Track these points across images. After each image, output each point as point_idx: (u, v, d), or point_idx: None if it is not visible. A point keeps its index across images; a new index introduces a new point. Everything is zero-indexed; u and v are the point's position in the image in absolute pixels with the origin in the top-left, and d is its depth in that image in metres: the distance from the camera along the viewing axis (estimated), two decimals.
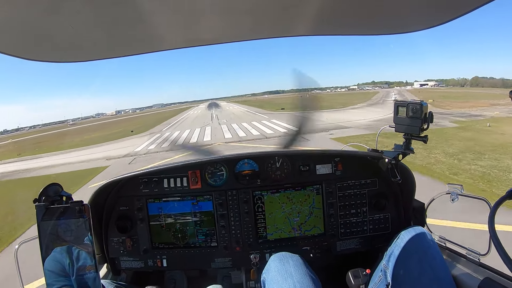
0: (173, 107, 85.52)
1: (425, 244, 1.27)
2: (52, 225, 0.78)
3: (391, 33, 1.20)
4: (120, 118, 78.08)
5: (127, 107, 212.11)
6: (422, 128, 1.34)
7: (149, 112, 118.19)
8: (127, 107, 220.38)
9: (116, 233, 1.72)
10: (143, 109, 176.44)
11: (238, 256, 1.75)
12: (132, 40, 1.11)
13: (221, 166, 1.76)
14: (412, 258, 1.24)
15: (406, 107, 1.36)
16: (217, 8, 0.91)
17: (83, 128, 52.96)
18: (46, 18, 0.80)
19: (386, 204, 1.72)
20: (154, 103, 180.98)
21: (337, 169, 1.77)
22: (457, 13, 0.90)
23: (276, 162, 1.77)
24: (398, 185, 1.67)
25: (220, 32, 1.16)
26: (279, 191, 1.76)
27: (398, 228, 1.60)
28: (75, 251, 0.79)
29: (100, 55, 1.16)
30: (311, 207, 1.76)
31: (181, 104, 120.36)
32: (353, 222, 1.76)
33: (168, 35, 1.12)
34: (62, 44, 1.02)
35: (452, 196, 1.38)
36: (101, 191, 1.63)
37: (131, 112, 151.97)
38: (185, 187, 1.74)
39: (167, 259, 1.75)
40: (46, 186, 0.81)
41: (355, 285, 1.28)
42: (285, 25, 1.16)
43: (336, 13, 1.05)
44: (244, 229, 1.74)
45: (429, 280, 1.16)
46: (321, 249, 1.77)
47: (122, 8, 0.82)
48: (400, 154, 1.45)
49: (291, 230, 1.76)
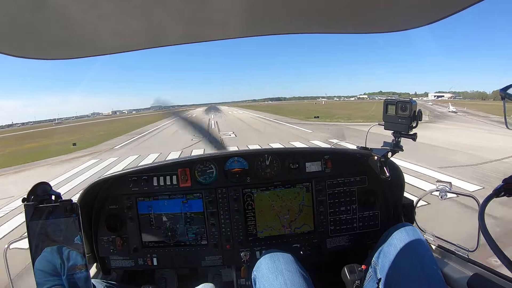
0: (171, 110, 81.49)
1: (414, 240, 1.29)
2: (41, 224, 0.77)
3: (388, 31, 1.19)
4: (99, 121, 71.85)
5: (125, 108, 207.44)
6: (411, 126, 1.36)
7: (131, 115, 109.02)
8: (124, 108, 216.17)
9: (106, 232, 1.71)
10: (140, 110, 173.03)
11: (228, 254, 1.76)
12: (128, 35, 1.09)
13: (211, 164, 1.76)
14: (402, 255, 1.26)
15: (395, 105, 1.38)
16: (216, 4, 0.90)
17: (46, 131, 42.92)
18: (33, 13, 0.79)
19: (375, 202, 1.75)
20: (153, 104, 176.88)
21: (327, 167, 1.78)
22: (455, 8, 0.90)
23: (265, 160, 1.77)
24: (387, 183, 1.69)
25: (216, 28, 1.15)
26: (269, 188, 1.77)
27: (387, 225, 1.64)
28: (65, 250, 0.78)
29: (99, 51, 1.15)
30: (301, 205, 1.78)
31: (179, 107, 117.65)
32: (342, 219, 1.78)
33: (160, 31, 1.11)
34: (55, 40, 1.00)
35: (441, 193, 1.41)
36: (90, 189, 1.61)
37: (126, 112, 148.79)
38: (175, 185, 1.73)
39: (158, 258, 1.75)
40: (35, 185, 0.80)
41: (351, 281, 1.28)
42: (280, 22, 1.15)
43: (331, 11, 1.04)
44: (234, 227, 1.75)
45: (418, 276, 1.18)
46: (311, 246, 1.78)
47: (118, 1, 0.81)
48: (389, 152, 1.47)
49: (281, 227, 1.77)
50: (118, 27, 1.00)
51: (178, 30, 1.14)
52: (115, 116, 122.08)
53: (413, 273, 1.19)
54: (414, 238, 1.30)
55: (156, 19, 0.97)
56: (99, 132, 30.78)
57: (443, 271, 1.29)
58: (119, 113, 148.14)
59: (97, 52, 1.17)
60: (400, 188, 1.69)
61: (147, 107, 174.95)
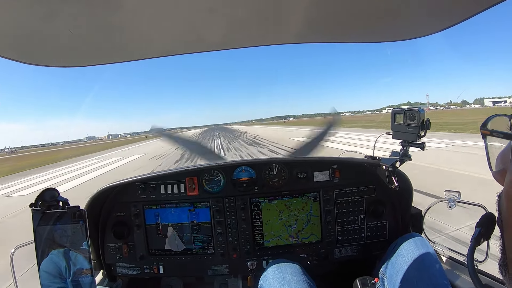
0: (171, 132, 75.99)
1: (423, 251, 1.27)
2: (49, 230, 0.78)
3: (399, 39, 1.17)
4: (48, 150, 65.67)
5: (122, 131, 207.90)
6: (419, 135, 1.35)
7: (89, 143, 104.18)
8: (121, 131, 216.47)
9: (112, 239, 1.71)
10: (139, 133, 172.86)
11: (235, 263, 1.74)
12: (131, 45, 1.10)
13: (219, 173, 1.76)
14: (410, 266, 1.24)
15: (403, 114, 1.37)
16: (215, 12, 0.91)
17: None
18: (43, 22, 0.81)
19: (383, 211, 1.72)
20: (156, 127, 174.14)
21: (335, 176, 1.77)
22: (468, 13, 0.87)
23: (273, 169, 1.77)
24: (396, 192, 1.66)
25: (220, 38, 1.16)
26: (276, 198, 1.75)
27: (395, 235, 1.60)
28: (72, 254, 0.79)
29: (100, 60, 1.16)
30: (309, 215, 1.75)
31: (182, 129, 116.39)
32: (350, 229, 1.76)
33: (170, 39, 1.12)
34: (62, 48, 1.02)
35: (450, 203, 1.38)
36: (98, 196, 1.62)
37: (119, 136, 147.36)
38: (182, 193, 1.73)
39: (164, 266, 1.74)
40: (42, 191, 0.81)
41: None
42: (286, 31, 1.15)
43: (338, 20, 1.04)
44: (241, 236, 1.73)
45: (427, 287, 1.16)
46: (319, 257, 1.76)
47: (123, 12, 0.82)
48: (397, 161, 1.46)
49: (288, 237, 1.75)
50: (125, 37, 1.01)
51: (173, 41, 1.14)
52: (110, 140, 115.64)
53: (421, 283, 1.17)
54: (423, 249, 1.28)
55: (167, 27, 0.98)
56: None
57: (452, 282, 1.26)
58: (112, 137, 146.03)
59: (106, 60, 1.18)
60: (408, 197, 1.66)
61: (146, 130, 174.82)
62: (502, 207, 0.50)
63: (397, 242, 1.41)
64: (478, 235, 0.66)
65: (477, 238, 0.66)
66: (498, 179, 0.51)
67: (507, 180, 0.47)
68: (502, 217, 0.50)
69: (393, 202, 1.75)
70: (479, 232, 0.66)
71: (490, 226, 0.66)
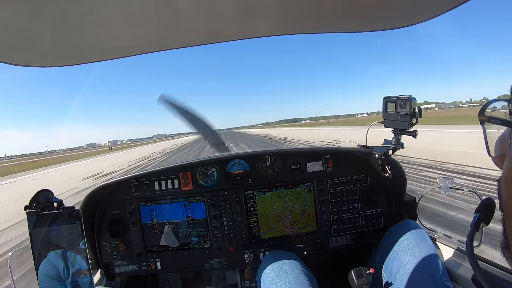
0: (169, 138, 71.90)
1: (418, 237, 1.29)
2: (45, 232, 0.77)
3: (394, 27, 1.15)
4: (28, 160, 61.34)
5: (123, 138, 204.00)
6: (411, 123, 1.36)
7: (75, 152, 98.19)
8: (123, 138, 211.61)
9: (108, 238, 1.71)
10: (141, 140, 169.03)
11: (232, 256, 1.76)
12: (130, 40, 1.08)
13: (212, 167, 1.76)
14: (405, 252, 1.26)
15: (394, 103, 1.37)
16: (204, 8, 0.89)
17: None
18: (31, 21, 0.79)
19: (377, 200, 1.75)
20: (158, 133, 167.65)
21: (328, 166, 1.78)
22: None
23: (266, 161, 1.77)
24: (389, 180, 1.68)
25: (213, 31, 1.13)
26: (270, 190, 1.77)
27: (390, 222, 1.63)
28: (69, 255, 0.78)
29: (101, 56, 1.13)
30: (303, 205, 1.77)
31: (186, 134, 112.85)
32: (345, 218, 1.78)
33: (163, 34, 1.09)
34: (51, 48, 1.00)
35: (443, 189, 1.41)
36: (92, 196, 1.61)
37: (119, 143, 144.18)
38: (177, 189, 1.73)
39: (161, 262, 1.75)
40: (36, 193, 0.80)
41: (358, 285, 1.26)
42: (280, 21, 1.13)
43: (332, 9, 1.02)
44: (237, 229, 1.75)
45: (423, 273, 1.18)
46: (315, 246, 1.78)
47: (110, 7, 0.80)
48: (390, 150, 1.47)
49: (284, 228, 1.77)
50: (118, 32, 0.99)
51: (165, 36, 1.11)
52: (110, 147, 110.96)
53: (417, 269, 1.19)
54: (417, 235, 1.31)
55: (158, 22, 0.96)
56: None
57: (447, 266, 1.29)
58: (112, 143, 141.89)
59: (97, 58, 1.16)
60: (401, 185, 1.69)
61: (149, 136, 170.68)
62: (501, 192, 0.50)
63: (392, 229, 1.44)
64: (478, 220, 0.66)
65: (477, 224, 0.66)
66: (497, 163, 0.52)
67: (506, 165, 0.47)
68: (503, 202, 0.50)
69: (386, 190, 1.77)
70: (479, 217, 0.66)
71: (489, 211, 0.67)
